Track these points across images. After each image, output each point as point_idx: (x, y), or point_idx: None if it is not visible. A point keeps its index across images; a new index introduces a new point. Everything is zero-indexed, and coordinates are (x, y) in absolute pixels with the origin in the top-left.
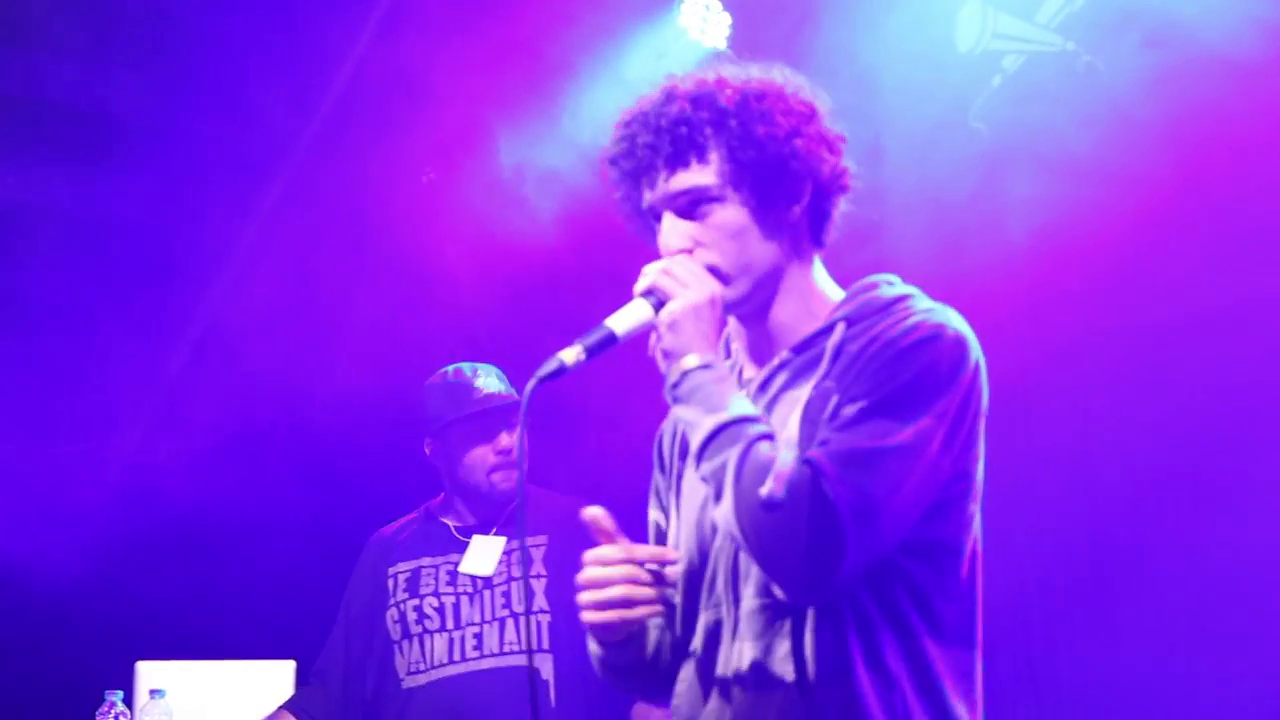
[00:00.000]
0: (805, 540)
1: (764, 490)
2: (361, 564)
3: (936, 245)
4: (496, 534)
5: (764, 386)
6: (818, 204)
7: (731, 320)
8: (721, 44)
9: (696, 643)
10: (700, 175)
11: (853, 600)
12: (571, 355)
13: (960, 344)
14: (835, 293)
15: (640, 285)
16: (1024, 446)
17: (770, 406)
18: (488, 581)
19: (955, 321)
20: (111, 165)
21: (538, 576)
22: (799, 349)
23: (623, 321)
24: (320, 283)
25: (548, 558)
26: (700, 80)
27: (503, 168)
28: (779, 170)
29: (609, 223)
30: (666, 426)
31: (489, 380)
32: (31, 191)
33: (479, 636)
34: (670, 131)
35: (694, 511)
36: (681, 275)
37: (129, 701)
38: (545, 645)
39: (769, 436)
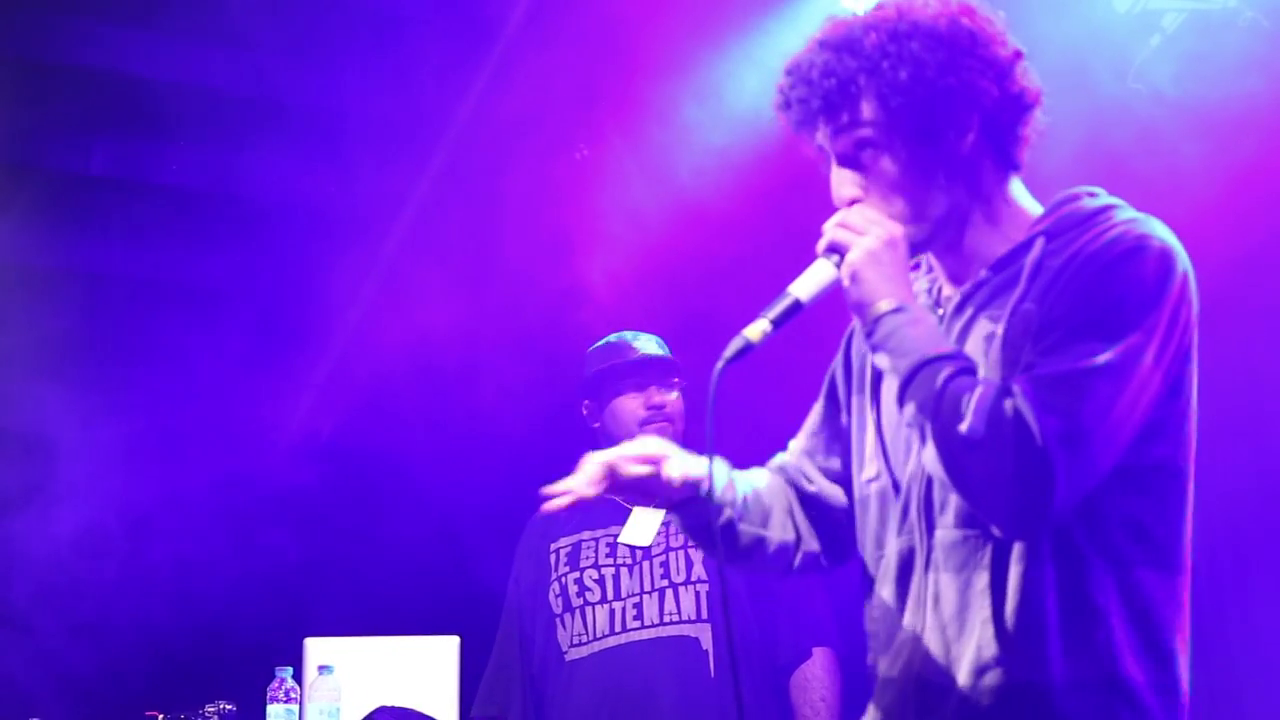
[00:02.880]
0: (1013, 473)
1: (963, 427)
2: (524, 543)
3: None
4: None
5: (961, 307)
6: (995, 129)
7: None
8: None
9: (887, 567)
10: (857, 125)
11: (1060, 532)
12: (757, 331)
13: (1166, 255)
14: (1036, 210)
15: (821, 244)
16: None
17: (968, 327)
18: (646, 552)
19: (1160, 231)
20: (272, 149)
21: (696, 546)
22: (997, 267)
23: (806, 285)
24: (479, 262)
25: None
26: (853, 24)
27: (657, 141)
28: (932, 109)
29: (767, 197)
30: (858, 326)
31: (646, 344)
32: (202, 178)
33: (639, 607)
34: (820, 84)
35: (892, 429)
36: (857, 223)
37: (298, 677)
38: (704, 615)
39: (966, 370)
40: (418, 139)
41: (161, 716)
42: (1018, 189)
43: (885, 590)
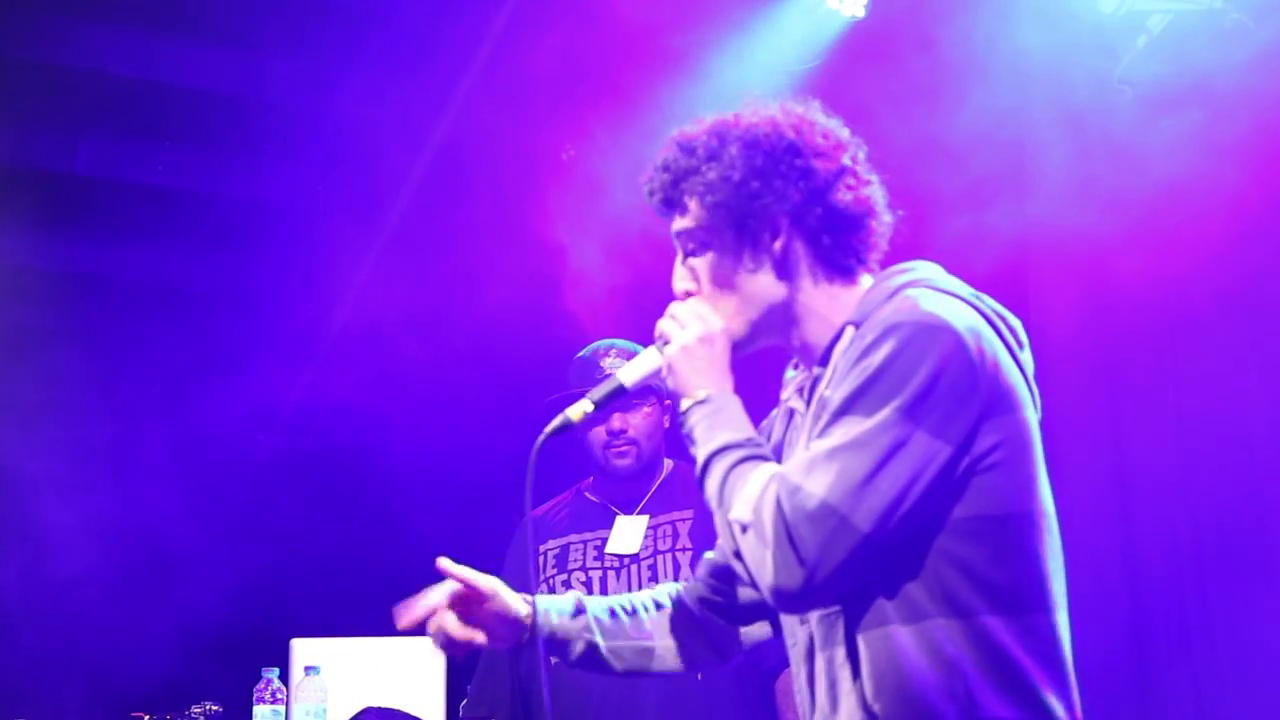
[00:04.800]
0: (773, 555)
1: (732, 514)
2: (515, 545)
3: (1083, 208)
4: (640, 513)
5: (808, 403)
6: (810, 236)
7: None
8: (860, 13)
9: (798, 656)
10: (685, 220)
11: (898, 593)
12: (579, 412)
13: (929, 328)
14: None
15: (656, 331)
16: (1172, 408)
17: (813, 424)
18: (634, 556)
19: (929, 304)
20: (259, 149)
21: (683, 549)
22: (822, 360)
23: (632, 372)
24: (468, 264)
25: (692, 532)
26: (701, 125)
27: (645, 140)
28: (742, 210)
29: None
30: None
31: (615, 361)
32: (188, 178)
33: None
34: (659, 177)
35: None
36: (682, 316)
37: (285, 678)
38: None
39: (752, 457)
40: (404, 140)
41: (147, 718)
42: (859, 285)
43: (801, 677)
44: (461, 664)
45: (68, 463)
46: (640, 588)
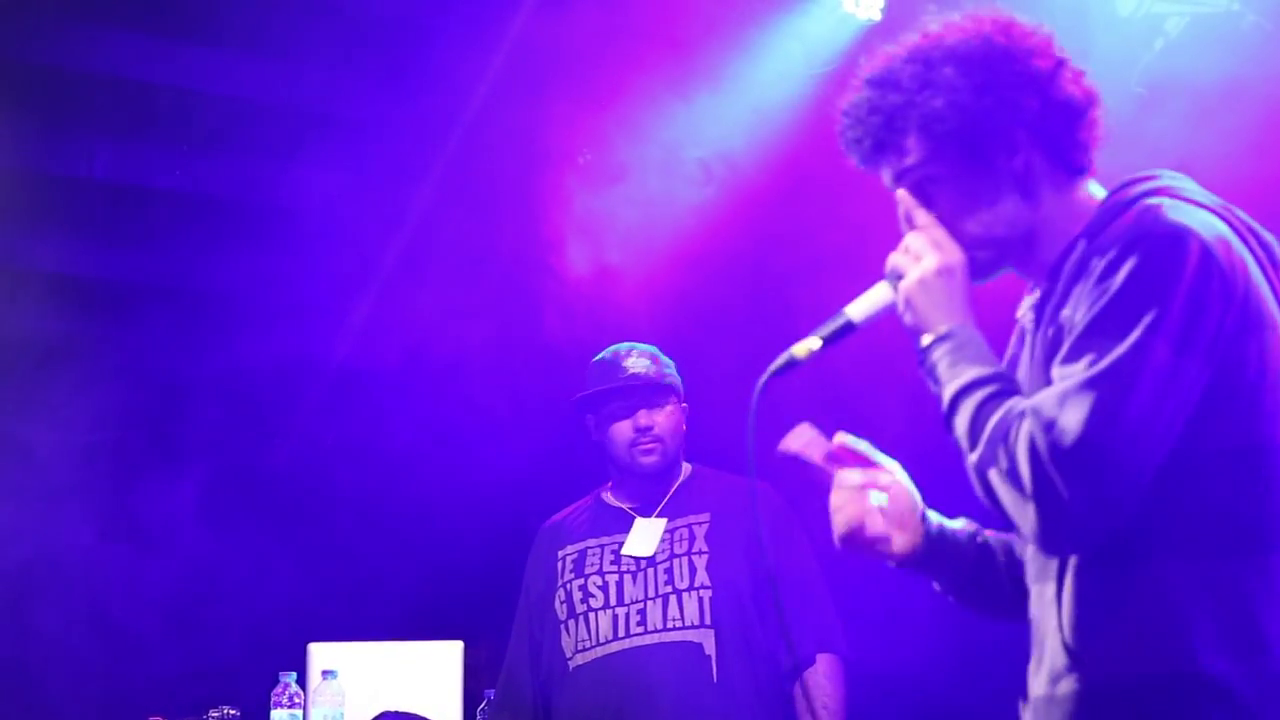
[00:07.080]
0: (1034, 499)
1: (974, 458)
2: (535, 554)
3: None
4: (658, 516)
5: (1036, 323)
6: (1046, 140)
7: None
8: (876, 16)
9: (1028, 585)
10: (907, 158)
11: (1132, 530)
12: (804, 349)
13: (1175, 238)
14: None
15: (887, 266)
16: None
17: (1034, 343)
18: (650, 559)
19: (1173, 214)
20: (277, 153)
21: (699, 553)
22: (1051, 276)
23: (861, 306)
24: (487, 267)
25: (709, 535)
26: (892, 57)
27: (660, 147)
28: (975, 132)
29: (767, 199)
30: None
31: (638, 360)
32: (206, 183)
33: (642, 613)
34: (869, 122)
35: None
36: (916, 248)
37: (302, 682)
38: (708, 621)
39: (998, 394)
40: (423, 143)
41: None
42: (1087, 191)
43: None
44: (478, 668)
45: (84, 467)
46: (657, 591)
